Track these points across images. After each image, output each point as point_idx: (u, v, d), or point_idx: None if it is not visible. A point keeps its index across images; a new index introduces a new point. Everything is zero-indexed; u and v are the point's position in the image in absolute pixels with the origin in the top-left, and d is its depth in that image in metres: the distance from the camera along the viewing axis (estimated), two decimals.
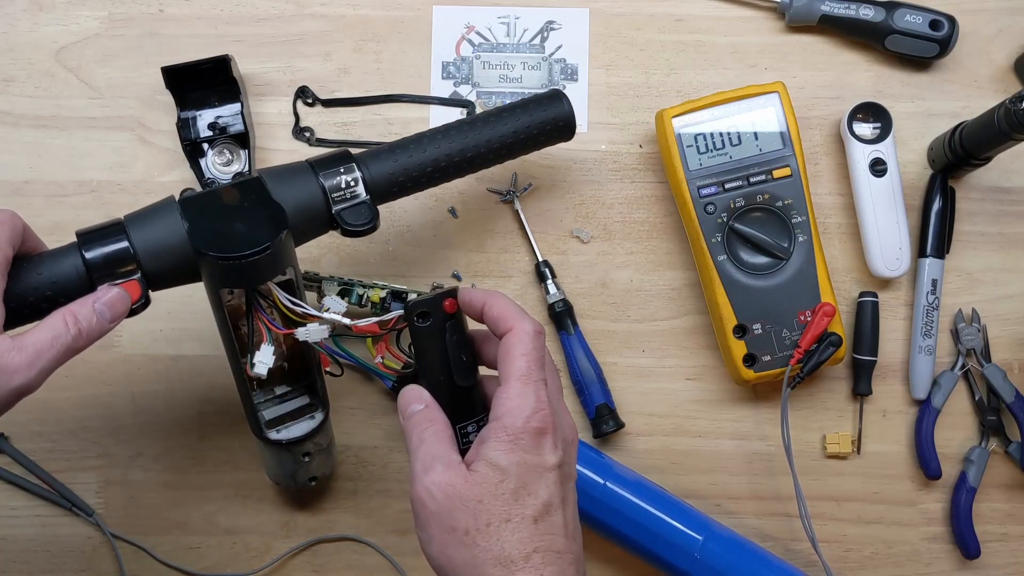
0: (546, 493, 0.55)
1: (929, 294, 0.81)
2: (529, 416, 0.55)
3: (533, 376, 0.56)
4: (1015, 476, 0.81)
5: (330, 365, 0.73)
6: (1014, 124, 0.71)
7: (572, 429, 0.59)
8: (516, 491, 0.54)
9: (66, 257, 0.61)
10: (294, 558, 0.80)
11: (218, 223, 0.61)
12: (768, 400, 0.81)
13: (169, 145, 0.81)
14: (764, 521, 0.81)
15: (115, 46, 0.83)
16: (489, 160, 0.72)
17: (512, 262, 0.82)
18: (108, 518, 0.79)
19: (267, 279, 0.63)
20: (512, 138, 0.72)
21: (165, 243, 0.61)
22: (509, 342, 0.57)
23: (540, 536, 0.54)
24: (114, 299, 0.60)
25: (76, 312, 0.58)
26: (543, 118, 0.72)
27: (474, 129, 0.70)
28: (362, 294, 0.74)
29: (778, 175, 0.77)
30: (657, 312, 0.82)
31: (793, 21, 0.83)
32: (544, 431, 0.55)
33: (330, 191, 0.65)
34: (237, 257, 0.60)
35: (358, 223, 0.65)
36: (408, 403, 0.59)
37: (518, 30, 0.84)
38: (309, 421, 0.70)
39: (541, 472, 0.55)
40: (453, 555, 0.54)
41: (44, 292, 0.59)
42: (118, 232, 0.61)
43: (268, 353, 0.65)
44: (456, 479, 0.54)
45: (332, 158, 0.67)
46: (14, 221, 0.59)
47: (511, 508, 0.54)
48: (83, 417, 0.80)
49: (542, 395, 0.56)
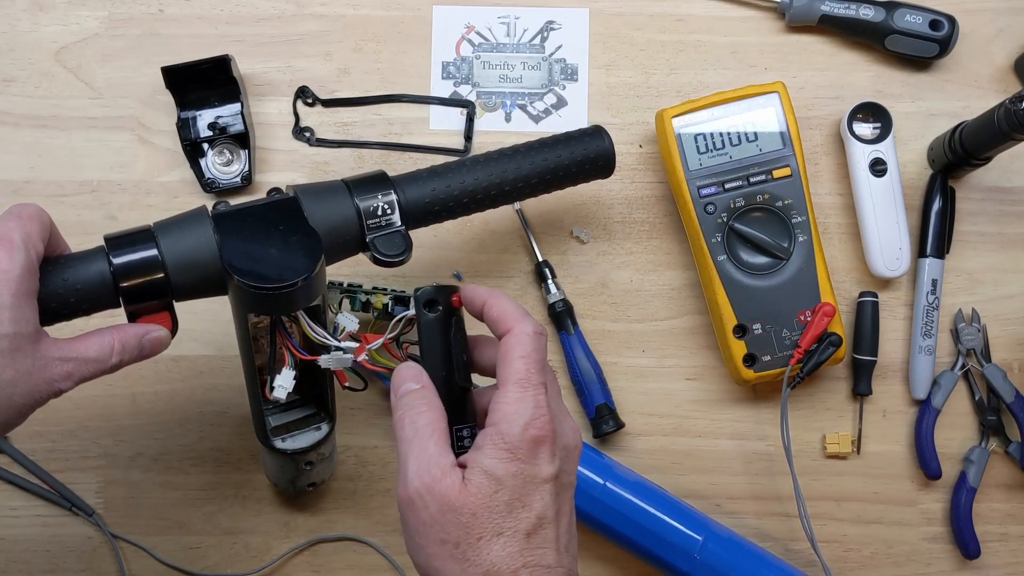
0: (540, 506, 0.53)
1: (929, 294, 0.81)
2: (527, 423, 0.53)
3: (532, 380, 0.54)
4: (1015, 476, 0.81)
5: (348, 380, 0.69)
6: (1014, 124, 0.71)
7: (574, 434, 0.56)
8: (510, 503, 0.52)
9: (92, 262, 0.59)
10: (294, 558, 0.80)
11: (252, 245, 0.60)
12: (768, 400, 0.81)
13: (169, 145, 0.81)
14: (764, 521, 0.81)
15: (115, 46, 0.83)
16: (524, 193, 0.70)
17: (512, 262, 0.82)
18: (108, 518, 0.79)
19: (299, 308, 0.61)
20: (551, 174, 0.70)
21: (195, 256, 0.59)
22: (508, 343, 0.55)
23: (530, 551, 0.52)
24: (158, 341, 0.60)
25: (124, 342, 0.59)
26: (583, 154, 0.71)
27: (513, 161, 0.69)
28: (365, 300, 0.74)
29: (778, 175, 0.77)
30: (657, 312, 0.82)
31: (793, 21, 0.83)
32: (542, 440, 0.53)
33: (366, 215, 0.64)
34: (271, 289, 0.58)
35: (392, 253, 0.64)
36: (403, 380, 0.56)
37: (518, 30, 0.84)
38: (315, 432, 0.69)
39: (537, 484, 0.53)
40: (440, 567, 0.52)
41: (68, 298, 0.58)
42: (147, 239, 0.59)
43: (289, 378, 0.64)
44: (451, 490, 0.52)
45: (369, 180, 0.65)
46: (42, 216, 0.58)
47: (504, 522, 0.52)
48: (83, 417, 0.80)
49: (541, 400, 0.54)
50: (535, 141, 0.71)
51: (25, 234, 0.55)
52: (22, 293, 0.54)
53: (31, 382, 0.55)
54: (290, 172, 0.82)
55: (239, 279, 0.58)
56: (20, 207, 0.57)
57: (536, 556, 0.52)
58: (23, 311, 0.54)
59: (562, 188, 0.73)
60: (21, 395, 0.55)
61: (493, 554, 0.51)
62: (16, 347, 0.54)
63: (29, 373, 0.55)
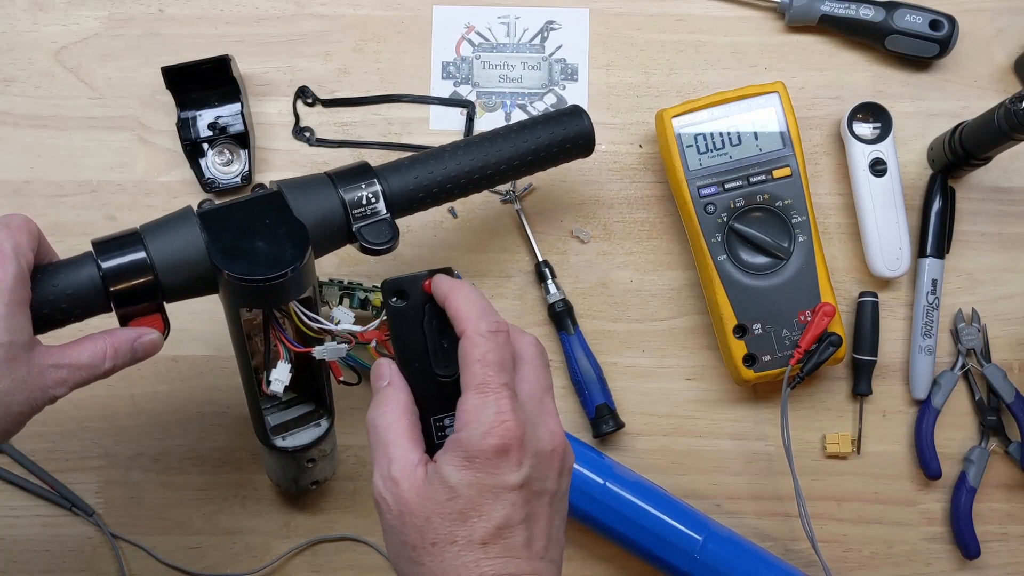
0: (501, 515, 0.51)
1: (929, 294, 0.81)
2: (486, 432, 0.51)
3: (491, 384, 0.52)
4: (1015, 476, 0.81)
5: (343, 375, 0.69)
6: (1014, 124, 0.71)
7: (552, 438, 0.53)
8: (463, 512, 0.51)
9: (81, 267, 0.59)
10: (294, 558, 0.80)
11: (240, 240, 0.60)
12: (768, 400, 0.81)
13: (169, 145, 0.81)
14: (764, 521, 0.81)
15: (115, 46, 0.83)
16: (507, 176, 0.71)
17: (512, 262, 0.82)
18: (108, 518, 0.79)
19: (289, 300, 0.62)
20: (532, 155, 0.71)
21: (183, 256, 0.60)
22: (464, 347, 0.53)
23: (490, 560, 0.50)
24: (150, 344, 0.60)
25: (117, 347, 0.59)
26: (563, 135, 0.71)
27: (494, 145, 0.69)
28: (364, 298, 0.74)
29: (778, 175, 0.77)
30: (657, 312, 0.82)
31: (793, 21, 0.83)
32: (505, 448, 0.51)
33: (351, 206, 0.64)
34: (261, 280, 0.58)
35: (379, 241, 0.64)
36: (375, 378, 0.56)
37: (518, 30, 0.84)
38: (315, 428, 0.70)
39: (497, 493, 0.51)
40: (403, 567, 0.52)
41: (60, 304, 0.58)
42: (135, 242, 0.60)
43: (285, 371, 0.64)
44: (409, 493, 0.52)
45: (352, 171, 0.66)
46: (30, 226, 0.58)
47: (456, 530, 0.51)
48: (83, 417, 0.80)
49: (504, 405, 0.51)
50: (514, 124, 0.71)
51: (15, 244, 0.56)
52: (15, 302, 0.55)
53: (27, 390, 0.55)
54: (290, 172, 0.82)
55: (229, 274, 0.58)
56: (7, 218, 0.58)
57: (498, 565, 0.50)
58: (17, 320, 0.55)
59: (544, 169, 0.73)
60: (18, 403, 0.55)
61: (446, 562, 0.51)
62: (12, 356, 0.54)
63: (25, 381, 0.55)
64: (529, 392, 0.54)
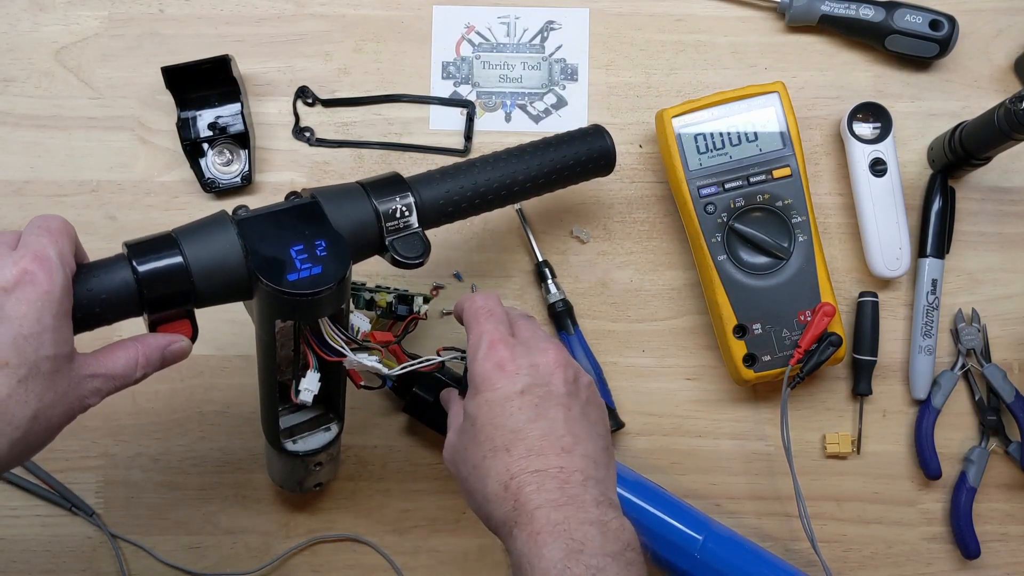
0: (512, 421, 0.58)
1: (929, 294, 0.81)
2: (477, 356, 0.60)
3: (479, 319, 0.62)
4: (1015, 476, 0.81)
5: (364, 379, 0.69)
6: (1014, 124, 0.71)
7: (546, 353, 0.61)
8: (484, 429, 0.59)
9: (116, 271, 0.57)
10: (294, 558, 0.80)
11: (280, 250, 0.59)
12: (768, 400, 0.81)
13: (169, 145, 0.81)
14: (764, 521, 0.81)
15: (115, 46, 0.83)
16: (531, 192, 0.71)
17: (512, 262, 0.82)
18: (108, 518, 0.79)
19: (326, 315, 0.61)
20: (556, 173, 0.71)
21: (221, 263, 0.58)
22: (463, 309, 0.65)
23: (516, 462, 0.57)
24: (179, 352, 0.60)
25: (148, 355, 0.58)
26: (587, 153, 0.72)
27: (521, 161, 0.70)
28: (369, 298, 0.74)
29: (778, 175, 0.77)
30: (657, 312, 0.82)
31: (793, 21, 0.83)
32: (499, 364, 0.60)
33: (384, 218, 0.63)
34: (307, 294, 0.58)
35: (411, 255, 0.63)
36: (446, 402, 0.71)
37: (518, 30, 0.84)
38: (325, 433, 0.70)
39: (503, 403, 0.59)
40: (476, 506, 0.60)
41: (94, 308, 0.56)
42: (170, 246, 0.58)
43: (314, 380, 0.63)
44: (452, 437, 0.63)
45: (386, 182, 0.65)
46: (70, 230, 0.56)
47: (484, 447, 0.59)
48: (83, 417, 0.79)
49: (489, 329, 0.61)
50: (539, 141, 0.72)
51: (60, 251, 0.54)
52: (62, 314, 0.53)
53: (67, 402, 0.54)
54: (290, 172, 0.82)
55: (271, 285, 0.57)
56: (46, 220, 0.55)
57: (521, 464, 0.57)
58: (63, 332, 0.53)
59: (564, 187, 0.74)
60: (59, 416, 0.54)
61: (488, 476, 0.58)
62: (56, 369, 0.53)
63: (66, 394, 0.54)
64: (523, 325, 0.64)
